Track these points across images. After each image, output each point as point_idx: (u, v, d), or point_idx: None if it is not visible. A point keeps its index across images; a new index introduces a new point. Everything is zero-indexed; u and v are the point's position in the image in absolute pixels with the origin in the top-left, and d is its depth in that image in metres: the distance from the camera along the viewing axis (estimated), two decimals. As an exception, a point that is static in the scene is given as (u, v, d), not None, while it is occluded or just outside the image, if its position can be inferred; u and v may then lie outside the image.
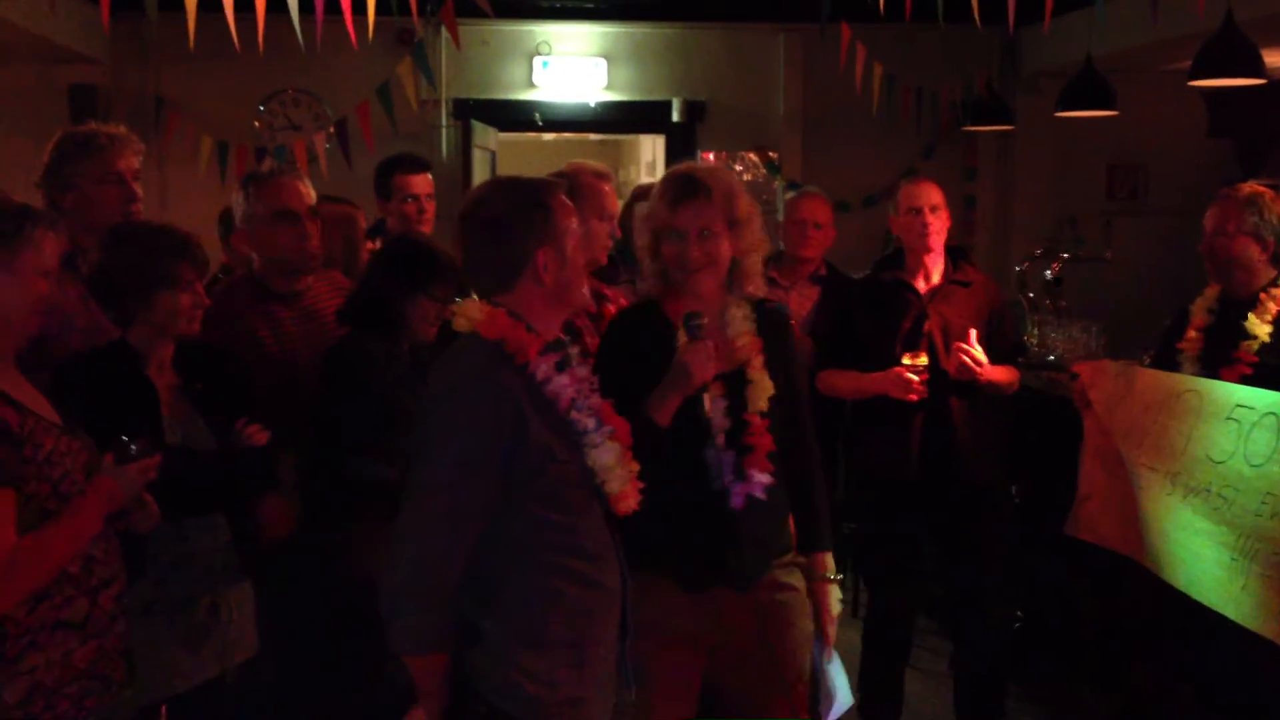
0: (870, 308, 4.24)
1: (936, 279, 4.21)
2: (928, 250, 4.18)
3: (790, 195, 5.01)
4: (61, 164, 3.31)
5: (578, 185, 3.32)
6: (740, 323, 2.96)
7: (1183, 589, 3.35)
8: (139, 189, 3.44)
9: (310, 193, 3.62)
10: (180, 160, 6.99)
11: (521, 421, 2.36)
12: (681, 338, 2.84)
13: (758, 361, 2.95)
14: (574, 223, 2.51)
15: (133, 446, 2.54)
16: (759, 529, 2.93)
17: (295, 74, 7.03)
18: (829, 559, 3.07)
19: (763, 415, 2.93)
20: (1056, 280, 5.97)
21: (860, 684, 4.34)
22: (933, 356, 4.08)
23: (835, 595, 3.07)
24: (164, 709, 3.02)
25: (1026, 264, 6.19)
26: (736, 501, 2.88)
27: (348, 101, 6.80)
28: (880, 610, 4.40)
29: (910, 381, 4.04)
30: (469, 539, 2.35)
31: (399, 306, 3.33)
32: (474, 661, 2.38)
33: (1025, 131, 7.44)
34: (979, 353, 4.02)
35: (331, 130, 6.82)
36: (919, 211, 4.16)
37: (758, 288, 3.04)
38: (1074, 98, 6.02)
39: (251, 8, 4.07)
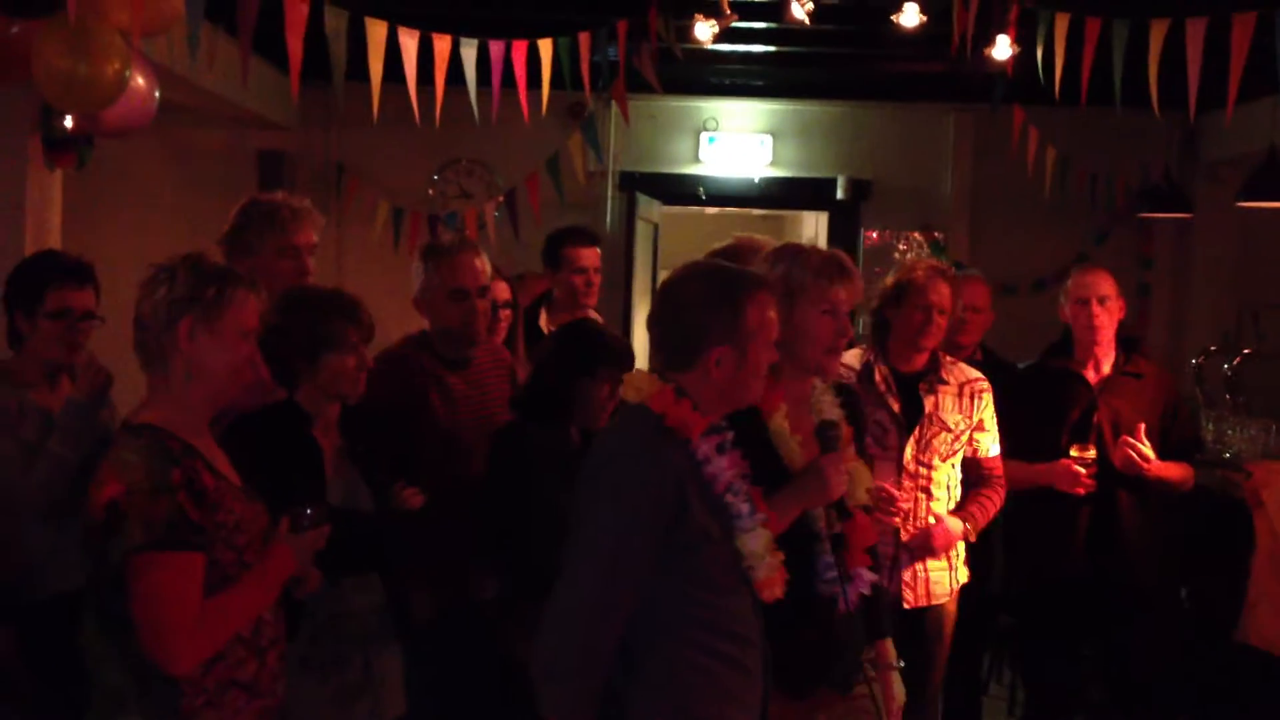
0: (1038, 397, 4.13)
1: (1107, 369, 4.09)
2: (1095, 343, 4.07)
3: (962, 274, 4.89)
4: (245, 230, 3.44)
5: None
6: (831, 409, 2.92)
7: None
8: (312, 264, 3.54)
9: (486, 267, 3.70)
10: (357, 225, 7.23)
11: (683, 497, 2.37)
12: (812, 447, 2.79)
13: (852, 450, 2.90)
14: (766, 323, 2.47)
15: (308, 512, 2.60)
16: (857, 628, 2.88)
17: (470, 144, 7.22)
18: (890, 646, 3.03)
19: (865, 509, 2.87)
20: (1235, 376, 5.74)
21: None
22: (1101, 450, 3.96)
23: (899, 684, 3.01)
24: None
25: (1203, 358, 5.97)
26: (847, 604, 2.80)
27: (518, 172, 6.97)
28: (1037, 710, 4.25)
29: (1079, 474, 3.92)
30: (625, 608, 2.35)
31: (569, 393, 3.36)
32: None
33: (1204, 221, 7.21)
34: (1146, 448, 3.89)
35: (501, 200, 6.99)
36: (1086, 303, 4.06)
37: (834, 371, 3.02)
38: (1256, 188, 5.81)
39: (432, 80, 4.22)
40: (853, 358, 4.02)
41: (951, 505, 3.89)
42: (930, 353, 3.94)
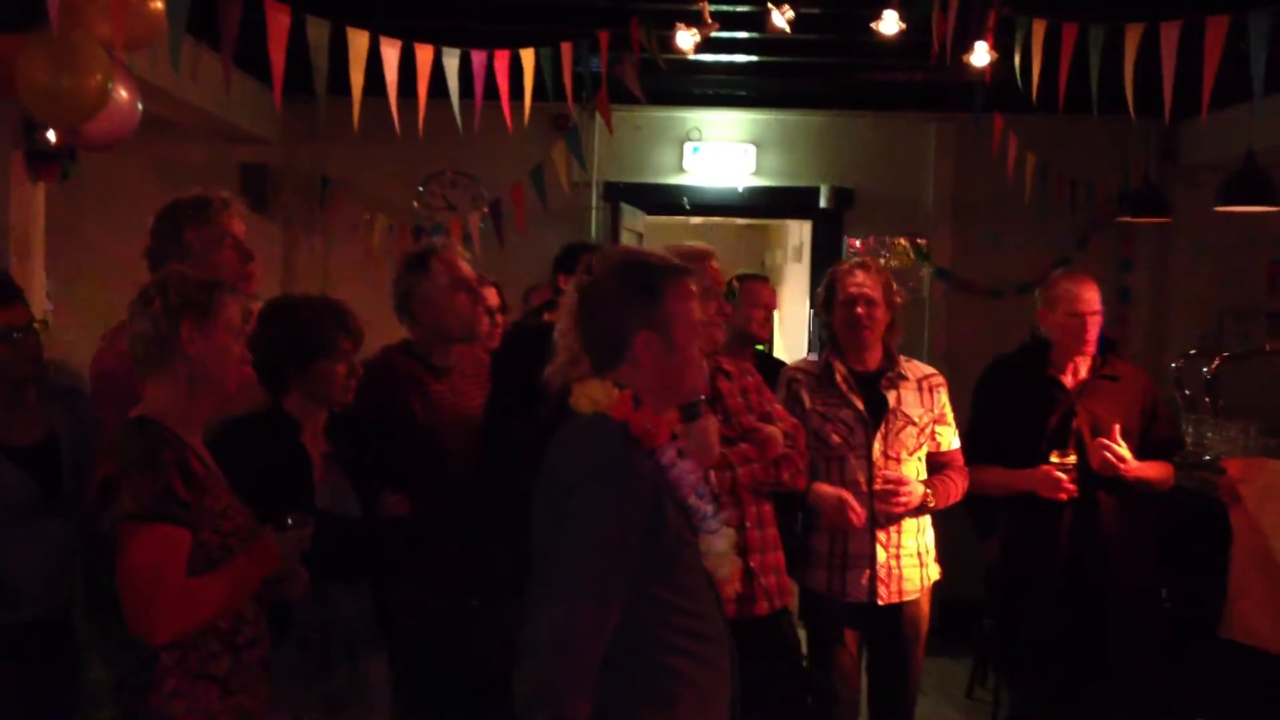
0: (1016, 404, 4.16)
1: (1084, 374, 4.12)
2: (1083, 354, 4.09)
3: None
4: (179, 230, 3.36)
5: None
6: None
7: None
8: (251, 249, 3.49)
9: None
10: (342, 238, 7.25)
11: (660, 507, 2.36)
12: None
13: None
14: (689, 310, 2.47)
15: (289, 519, 2.66)
16: None
17: (454, 156, 7.23)
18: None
19: None
20: (1214, 378, 5.78)
21: None
22: (1081, 454, 3.99)
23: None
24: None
25: (1182, 360, 6.01)
26: None
27: (502, 183, 6.98)
28: (1020, 710, 4.27)
29: (1059, 480, 3.96)
30: (611, 627, 2.31)
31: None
32: None
33: (1184, 224, 7.26)
34: (1123, 449, 3.92)
35: (486, 211, 7.01)
36: (1080, 316, 4.06)
37: None
38: (1234, 192, 5.86)
39: (414, 92, 4.24)
40: (809, 361, 4.12)
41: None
42: (884, 349, 4.01)
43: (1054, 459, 3.97)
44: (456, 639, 3.47)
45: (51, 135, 4.34)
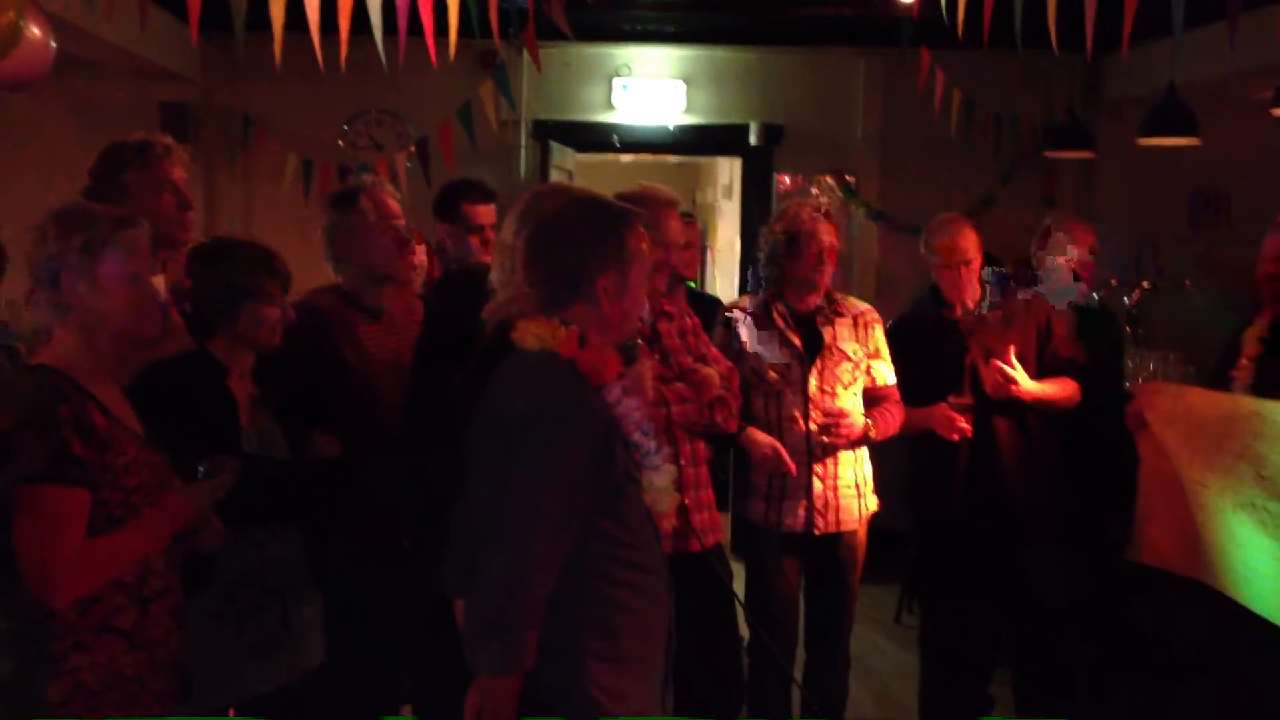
0: (913, 347, 4.22)
1: (974, 310, 4.19)
2: (962, 298, 4.18)
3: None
4: (118, 172, 3.34)
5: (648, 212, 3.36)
6: None
7: (1247, 605, 3.33)
8: (190, 197, 3.48)
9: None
10: (266, 178, 7.14)
11: (609, 443, 2.40)
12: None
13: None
14: (643, 256, 2.53)
15: (201, 469, 2.61)
16: None
17: (379, 94, 7.13)
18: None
19: None
20: (1135, 309, 5.89)
21: (922, 710, 4.35)
22: (976, 390, 4.07)
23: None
24: (231, 714, 3.09)
25: (1104, 291, 6.10)
26: None
27: (429, 122, 6.91)
28: (930, 637, 4.39)
29: (954, 419, 4.04)
30: (560, 561, 2.36)
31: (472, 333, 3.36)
32: (545, 678, 2.38)
33: (1107, 158, 7.35)
34: (1016, 370, 3.99)
35: (413, 150, 6.93)
36: (954, 267, 4.17)
37: None
38: (1156, 125, 5.94)
39: (336, 28, 4.16)
40: (747, 301, 4.19)
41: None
42: (824, 290, 4.06)
43: (950, 400, 4.05)
44: (388, 580, 3.48)
45: (-38, 76, 4.22)
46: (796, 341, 4.02)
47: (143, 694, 2.50)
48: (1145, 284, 6.00)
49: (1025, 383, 4.02)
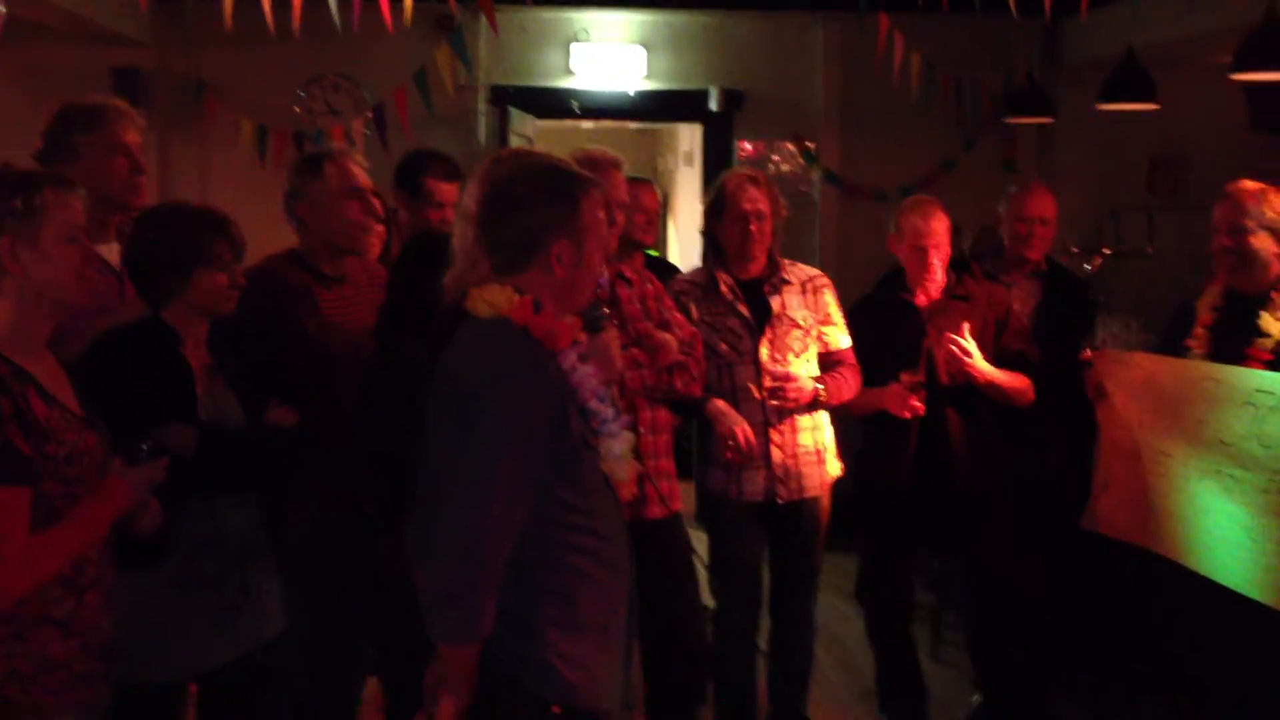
0: (871, 326, 4.22)
1: (935, 294, 4.18)
2: (929, 280, 4.16)
3: (1014, 190, 4.82)
4: (69, 134, 3.29)
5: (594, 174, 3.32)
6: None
7: (1206, 574, 3.37)
8: (143, 161, 3.44)
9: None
10: (220, 144, 7.04)
11: (564, 409, 2.38)
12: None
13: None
14: (599, 223, 2.50)
15: (143, 447, 2.55)
16: None
17: (335, 59, 7.04)
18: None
19: None
20: (1096, 275, 5.91)
21: (877, 679, 4.38)
22: (931, 373, 4.07)
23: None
24: (193, 687, 3.06)
25: (1065, 258, 6.12)
26: None
27: (386, 87, 6.83)
28: (874, 628, 4.41)
29: (907, 397, 4.04)
30: (517, 528, 2.35)
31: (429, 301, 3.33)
32: (504, 646, 2.37)
33: (1066, 124, 7.37)
34: (969, 344, 3.99)
35: (369, 115, 6.85)
36: (924, 249, 4.13)
37: None
38: (1115, 90, 5.96)
39: (290, -8, 4.10)
40: (694, 272, 4.15)
41: None
42: (768, 257, 4.04)
43: (904, 377, 4.06)
44: (353, 549, 3.45)
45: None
46: (745, 311, 4.01)
47: (75, 679, 2.45)
48: (1106, 251, 6.02)
49: (979, 361, 4.02)
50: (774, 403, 3.96)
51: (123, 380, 2.75)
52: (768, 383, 3.97)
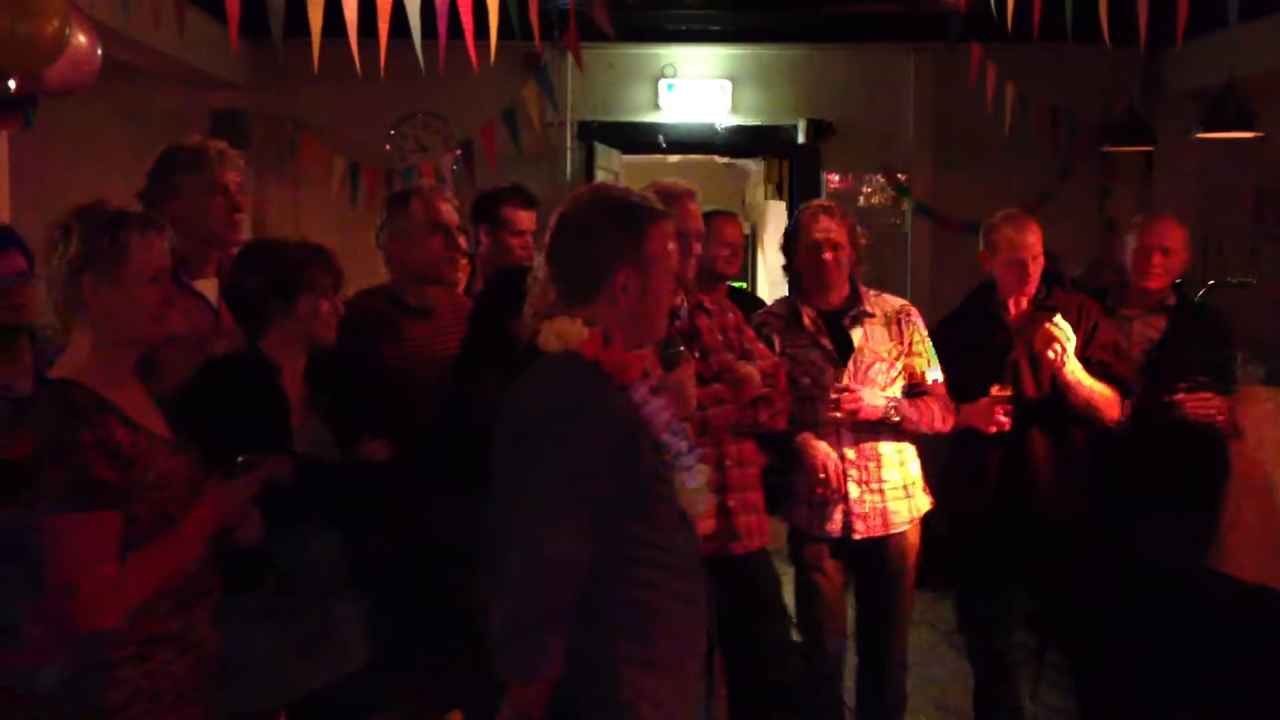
0: (959, 343, 4.13)
1: (1025, 306, 4.10)
2: (1025, 295, 4.08)
3: (1139, 218, 4.53)
4: (172, 173, 3.37)
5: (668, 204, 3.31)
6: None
7: None
8: (241, 200, 3.51)
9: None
10: (313, 182, 7.17)
11: (634, 443, 2.35)
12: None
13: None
14: (668, 255, 2.47)
15: (240, 459, 2.58)
16: None
17: (424, 98, 7.14)
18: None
19: None
20: (1200, 306, 5.75)
21: (976, 708, 4.26)
22: (1019, 387, 3.98)
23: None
24: (283, 715, 3.07)
25: (1167, 289, 5.97)
26: None
27: (474, 124, 6.90)
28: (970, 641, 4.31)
29: (994, 412, 3.95)
30: (583, 565, 2.32)
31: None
32: (579, 685, 2.34)
33: (1166, 153, 7.21)
34: (1067, 329, 3.87)
35: (458, 152, 6.92)
36: (1022, 263, 4.04)
37: None
38: (1216, 119, 5.82)
39: (376, 32, 4.15)
40: (777, 304, 4.18)
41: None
42: (849, 287, 3.98)
43: (993, 391, 3.97)
44: (433, 581, 3.46)
45: (11, 83, 4.25)
46: (828, 344, 3.95)
47: (192, 691, 2.51)
48: (1210, 282, 5.86)
49: (1071, 355, 3.91)
50: (831, 413, 3.88)
51: (222, 410, 2.80)
52: (832, 397, 3.90)
